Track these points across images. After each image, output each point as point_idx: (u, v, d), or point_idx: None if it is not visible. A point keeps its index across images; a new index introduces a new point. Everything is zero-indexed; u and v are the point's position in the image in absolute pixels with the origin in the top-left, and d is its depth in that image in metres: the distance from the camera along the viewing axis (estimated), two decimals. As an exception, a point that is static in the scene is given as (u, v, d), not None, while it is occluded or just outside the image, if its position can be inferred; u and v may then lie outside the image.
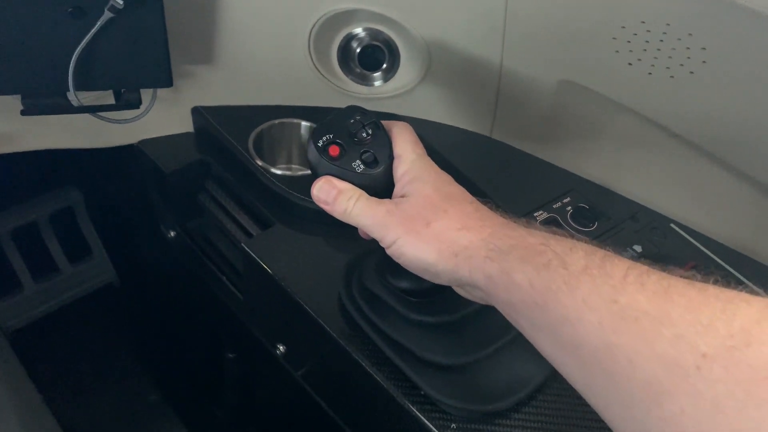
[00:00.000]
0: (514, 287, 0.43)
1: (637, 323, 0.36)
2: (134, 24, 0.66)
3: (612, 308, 0.37)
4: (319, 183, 0.54)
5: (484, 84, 0.81)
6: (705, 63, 0.61)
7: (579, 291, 0.39)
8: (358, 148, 0.54)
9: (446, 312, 0.60)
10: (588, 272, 0.40)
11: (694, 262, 0.74)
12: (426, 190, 0.51)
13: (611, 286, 0.38)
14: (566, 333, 0.40)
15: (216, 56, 0.79)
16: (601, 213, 0.79)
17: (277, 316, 0.76)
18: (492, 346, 0.60)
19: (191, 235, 0.91)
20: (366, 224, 0.52)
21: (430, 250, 0.49)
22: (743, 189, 0.72)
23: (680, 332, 0.34)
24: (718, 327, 0.33)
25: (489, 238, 0.47)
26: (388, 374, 0.61)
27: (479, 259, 0.46)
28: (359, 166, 0.54)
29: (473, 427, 0.58)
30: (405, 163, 0.54)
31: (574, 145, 0.83)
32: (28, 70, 0.66)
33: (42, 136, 0.80)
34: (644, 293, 0.37)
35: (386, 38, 0.80)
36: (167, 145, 0.87)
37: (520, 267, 0.43)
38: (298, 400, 0.82)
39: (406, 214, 0.50)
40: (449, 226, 0.49)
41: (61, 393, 1.13)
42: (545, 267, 0.42)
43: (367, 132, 0.55)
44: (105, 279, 1.24)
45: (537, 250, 0.43)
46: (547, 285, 0.41)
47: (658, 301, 0.36)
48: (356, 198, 0.53)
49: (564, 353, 0.41)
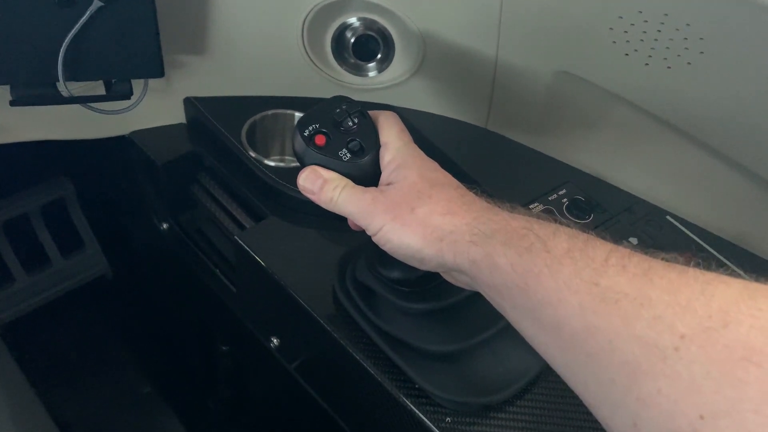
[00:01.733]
0: (496, 270, 0.44)
1: (617, 305, 0.36)
2: (124, 13, 0.65)
3: (593, 290, 0.38)
4: (304, 173, 0.54)
5: (480, 75, 0.80)
6: (702, 54, 0.61)
7: (560, 274, 0.40)
8: (345, 137, 0.54)
9: (436, 299, 0.60)
10: (570, 255, 0.40)
11: (690, 253, 0.74)
12: (411, 177, 0.51)
13: (593, 269, 0.39)
14: (547, 315, 0.40)
15: (208, 46, 0.78)
16: (596, 205, 0.79)
17: (271, 309, 0.76)
18: (485, 332, 0.59)
19: (184, 227, 0.91)
20: (352, 212, 0.53)
21: (415, 236, 0.49)
22: (739, 181, 0.72)
23: (659, 313, 0.34)
24: (696, 308, 0.34)
25: (473, 222, 0.47)
26: (382, 367, 0.61)
27: (463, 243, 0.46)
28: (346, 154, 0.54)
29: (468, 420, 0.58)
30: (391, 150, 0.54)
31: (570, 137, 0.82)
32: (17, 60, 0.65)
33: (32, 127, 0.79)
34: (625, 275, 0.37)
35: (381, 28, 0.80)
36: (159, 137, 0.86)
37: (502, 250, 0.43)
38: (291, 393, 0.82)
39: (392, 201, 0.51)
40: (434, 211, 0.49)
41: (53, 386, 1.12)
42: (527, 250, 0.42)
43: (353, 121, 0.55)
44: (97, 271, 1.24)
45: (519, 234, 0.44)
46: (529, 268, 0.41)
47: (638, 283, 0.37)
48: (342, 187, 0.53)
49: (545, 335, 0.41)
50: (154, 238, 0.96)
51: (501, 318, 0.59)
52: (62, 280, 1.20)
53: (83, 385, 1.18)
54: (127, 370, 1.23)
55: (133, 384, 1.21)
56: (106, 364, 1.23)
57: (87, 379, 1.19)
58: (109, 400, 1.18)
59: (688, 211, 0.79)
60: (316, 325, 0.65)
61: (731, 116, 0.65)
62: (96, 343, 1.25)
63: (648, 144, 0.76)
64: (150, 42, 0.68)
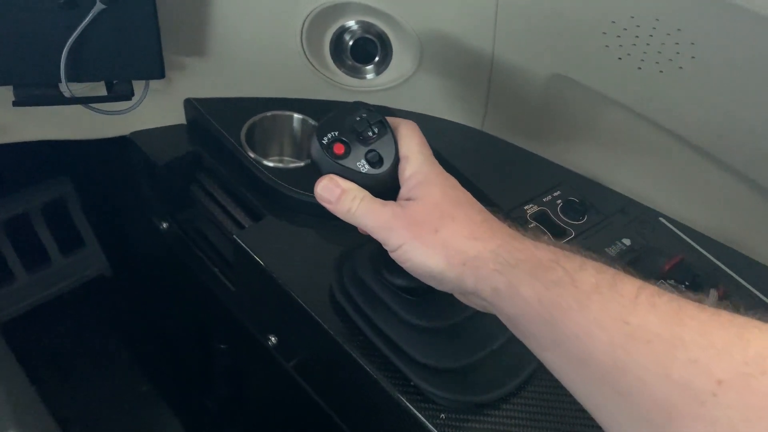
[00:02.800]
0: (521, 301, 0.43)
1: (649, 345, 0.36)
2: (126, 15, 0.65)
3: (623, 329, 0.38)
4: (323, 182, 0.53)
5: (476, 77, 0.81)
6: (694, 58, 0.62)
7: (589, 309, 0.40)
8: (363, 147, 0.53)
9: (440, 317, 0.60)
10: (598, 291, 0.40)
11: (682, 255, 0.75)
12: (434, 195, 0.50)
13: (622, 305, 0.39)
14: (575, 350, 0.40)
15: (208, 48, 0.79)
16: (590, 206, 0.80)
17: (269, 308, 0.76)
18: (484, 350, 0.60)
19: (183, 226, 0.91)
20: (369, 226, 0.52)
21: (438, 258, 0.48)
22: (731, 183, 0.73)
23: (694, 356, 0.35)
24: (733, 353, 0.34)
25: (497, 249, 0.46)
26: (378, 365, 0.62)
27: (487, 270, 0.46)
28: (364, 165, 0.53)
29: (462, 418, 0.59)
30: (413, 164, 0.53)
31: (565, 139, 0.83)
32: (20, 61, 0.65)
33: (34, 127, 0.80)
34: (655, 314, 0.37)
35: (379, 31, 0.81)
36: (159, 137, 0.86)
37: (528, 281, 0.43)
38: (289, 392, 0.82)
39: (413, 219, 0.50)
40: (458, 234, 0.48)
41: (52, 383, 1.13)
42: (555, 283, 0.42)
43: (373, 131, 0.53)
44: (97, 270, 1.25)
45: (546, 266, 0.43)
46: (556, 301, 0.41)
47: (670, 323, 0.37)
48: (360, 198, 0.52)
49: (571, 369, 0.41)
50: (154, 237, 0.97)
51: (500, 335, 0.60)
52: (62, 278, 1.21)
53: (82, 383, 1.19)
54: (125, 367, 1.24)
55: (132, 382, 1.22)
56: (105, 362, 1.23)
57: (86, 377, 1.20)
58: (108, 397, 1.19)
59: (681, 212, 0.80)
60: (313, 323, 0.66)
61: (722, 119, 0.66)
62: (95, 341, 1.25)
63: (641, 146, 0.77)
64: (151, 44, 0.69)
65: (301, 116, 0.85)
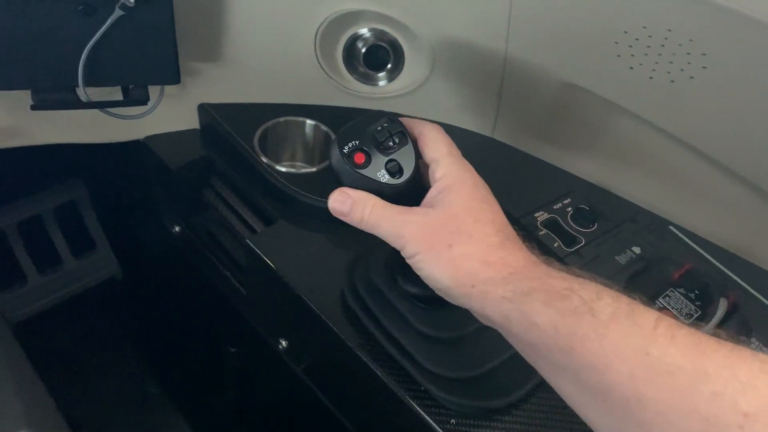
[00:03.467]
0: (534, 329, 0.43)
1: (672, 377, 0.36)
2: (143, 22, 0.66)
3: (644, 360, 0.37)
4: (334, 195, 0.53)
5: (487, 85, 0.82)
6: (705, 68, 0.62)
7: (607, 339, 0.39)
8: (384, 157, 0.53)
9: (452, 327, 0.61)
10: (616, 320, 0.40)
11: (692, 263, 0.75)
12: (455, 206, 0.50)
13: (641, 336, 0.38)
14: (592, 379, 0.40)
15: (223, 54, 0.80)
16: (600, 214, 0.80)
17: (280, 312, 0.77)
18: (495, 361, 0.61)
19: (195, 230, 0.92)
20: (383, 233, 0.51)
21: (447, 275, 0.48)
22: (741, 192, 0.73)
23: (718, 389, 0.35)
24: (758, 386, 0.34)
25: (509, 277, 0.46)
26: (388, 369, 0.62)
27: (495, 297, 0.45)
28: (384, 175, 0.53)
29: (472, 422, 0.59)
30: (443, 166, 0.52)
31: (575, 147, 0.84)
32: (39, 66, 0.66)
33: (51, 130, 0.81)
34: (676, 346, 0.37)
35: (391, 39, 0.81)
36: (173, 142, 0.87)
37: (542, 310, 0.43)
38: (298, 395, 0.83)
39: (428, 229, 0.49)
40: (470, 255, 0.47)
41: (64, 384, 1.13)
42: (572, 312, 0.41)
43: (394, 141, 0.53)
44: (108, 273, 1.25)
45: (561, 294, 0.43)
46: (573, 330, 0.41)
47: (692, 355, 0.36)
48: (371, 206, 0.52)
49: (587, 397, 0.41)
50: (166, 240, 0.97)
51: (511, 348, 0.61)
52: (74, 280, 1.22)
53: (93, 384, 1.19)
54: (136, 369, 1.24)
55: (142, 384, 1.22)
56: (116, 364, 1.24)
57: (97, 378, 1.20)
58: (118, 398, 1.20)
59: (690, 221, 0.80)
60: (325, 327, 0.66)
61: (733, 129, 0.67)
62: (106, 343, 1.26)
63: (652, 155, 0.78)
64: (167, 50, 0.70)
65: (313, 122, 0.86)
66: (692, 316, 0.69)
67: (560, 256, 0.74)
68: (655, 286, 0.72)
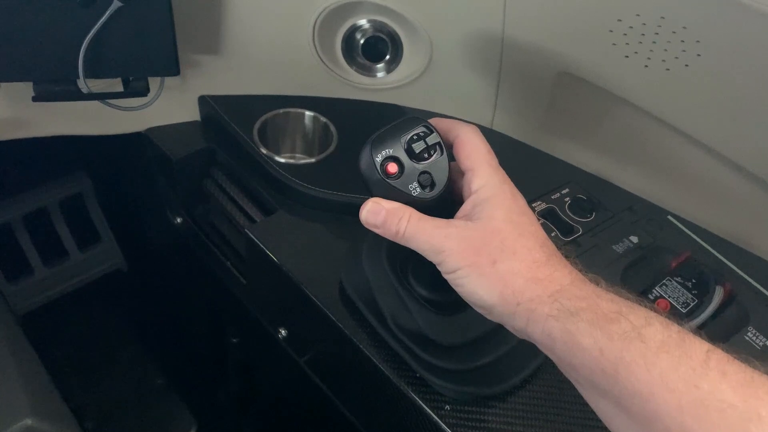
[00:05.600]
0: (579, 350, 0.42)
1: (722, 415, 0.35)
2: (142, 13, 0.67)
3: (693, 393, 0.36)
4: (367, 206, 0.51)
5: (485, 76, 0.82)
6: (699, 56, 0.62)
7: (656, 367, 0.38)
8: (417, 168, 0.50)
9: (457, 334, 0.60)
10: (666, 348, 0.39)
11: (690, 252, 0.75)
12: (497, 220, 0.47)
13: (691, 368, 0.37)
14: (637, 406, 0.39)
15: (222, 46, 0.80)
16: (598, 204, 0.80)
17: (279, 301, 0.78)
18: (492, 355, 0.61)
19: (197, 221, 0.93)
20: (422, 248, 0.49)
21: (493, 292, 0.46)
22: (738, 181, 0.73)
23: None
24: None
25: (556, 295, 0.44)
26: (385, 357, 0.63)
27: (541, 315, 0.44)
28: (416, 189, 0.50)
29: (467, 408, 0.60)
30: (480, 177, 0.49)
31: (573, 137, 0.84)
32: (40, 58, 0.67)
33: (52, 122, 0.82)
34: (727, 383, 0.36)
35: (390, 30, 0.82)
36: (174, 133, 0.88)
37: (589, 331, 0.41)
38: (298, 383, 0.83)
39: (470, 244, 0.47)
40: (517, 271, 0.45)
41: (69, 375, 1.15)
42: (620, 337, 0.40)
43: (429, 153, 0.51)
44: (113, 264, 1.26)
45: (609, 318, 0.41)
46: (621, 355, 0.39)
47: (744, 394, 0.35)
48: (407, 218, 0.49)
49: (629, 423, 0.40)
50: (168, 231, 0.98)
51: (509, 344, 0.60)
52: (79, 272, 1.23)
53: (98, 375, 1.20)
54: (140, 360, 1.25)
55: (146, 374, 1.23)
56: (121, 355, 1.25)
57: (101, 369, 1.21)
58: (123, 389, 1.21)
59: (688, 210, 0.80)
60: (322, 315, 0.67)
61: (729, 117, 0.67)
62: (111, 334, 1.27)
63: (649, 144, 0.78)
64: (167, 41, 0.70)
65: (312, 113, 0.86)
66: (689, 305, 0.69)
67: (558, 246, 0.75)
68: (653, 275, 0.73)
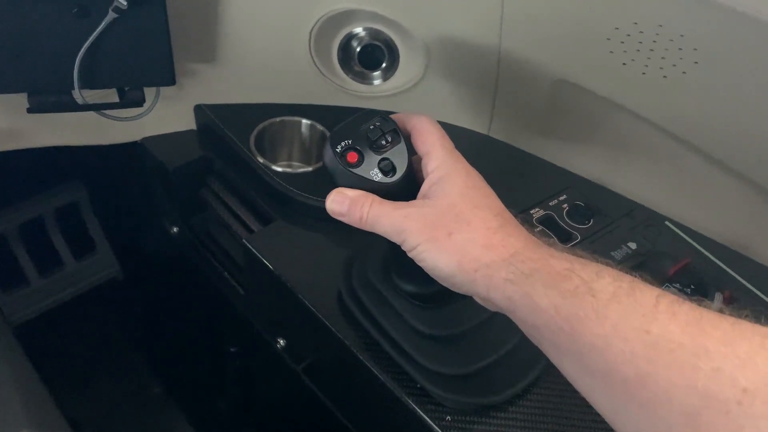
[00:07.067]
0: (537, 311, 0.43)
1: (672, 354, 0.36)
2: (138, 24, 0.67)
3: (644, 338, 0.37)
4: (331, 196, 0.53)
5: (482, 83, 0.82)
6: (697, 63, 0.62)
7: (608, 319, 0.39)
8: (377, 155, 0.53)
9: (447, 324, 0.61)
10: (617, 299, 0.39)
11: (688, 258, 0.75)
12: (451, 195, 0.50)
13: (642, 314, 0.38)
14: (594, 360, 0.39)
15: (218, 55, 0.80)
16: (596, 210, 0.80)
17: (277, 311, 0.77)
18: (490, 358, 0.61)
19: (194, 230, 0.93)
20: (383, 230, 0.51)
21: (450, 262, 0.47)
22: (736, 187, 0.73)
23: (718, 366, 0.34)
24: (758, 362, 0.34)
25: (511, 259, 0.45)
26: (385, 367, 0.62)
27: (499, 279, 0.45)
28: (377, 174, 0.53)
29: (468, 419, 0.59)
30: (435, 159, 0.52)
31: (571, 143, 0.84)
32: (34, 69, 0.67)
33: (48, 133, 0.81)
34: (676, 323, 0.37)
35: (386, 38, 0.82)
36: (170, 142, 0.88)
37: (543, 291, 0.42)
38: (297, 393, 0.83)
39: (427, 220, 0.49)
40: (471, 240, 0.47)
41: (65, 385, 1.14)
42: (572, 293, 0.41)
43: (387, 139, 0.53)
44: (109, 274, 1.26)
45: (562, 275, 0.42)
46: (574, 312, 0.40)
47: (692, 332, 0.36)
48: (369, 204, 0.51)
49: (591, 379, 0.41)
50: (165, 241, 0.98)
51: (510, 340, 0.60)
52: (75, 282, 1.22)
53: (94, 385, 1.20)
54: (137, 370, 1.25)
55: (143, 384, 1.23)
56: (117, 365, 1.24)
57: (98, 379, 1.21)
58: (120, 399, 1.20)
59: (687, 216, 0.80)
60: (321, 325, 0.66)
61: (726, 123, 0.67)
62: (107, 344, 1.27)
63: (647, 151, 0.78)
64: (162, 51, 0.70)
65: (309, 122, 0.86)
66: (688, 311, 0.69)
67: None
68: (651, 281, 0.72)
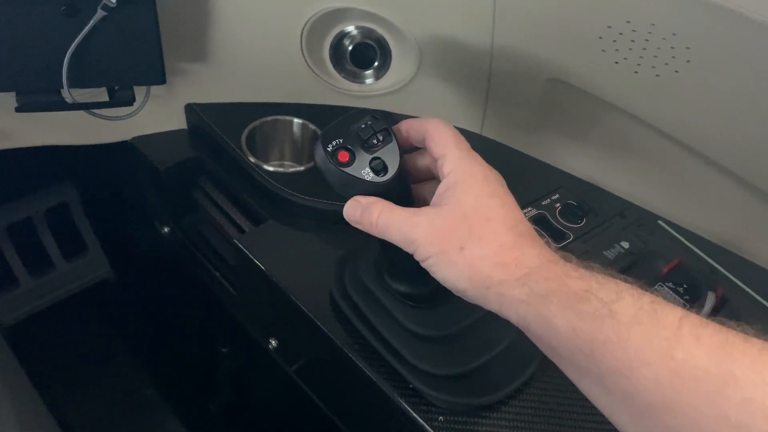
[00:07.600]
0: (554, 332, 0.42)
1: (699, 382, 0.35)
2: (127, 22, 0.66)
3: (669, 364, 0.36)
4: (347, 203, 0.52)
5: (474, 82, 0.82)
6: (689, 62, 0.62)
7: (630, 343, 0.38)
8: (368, 155, 0.52)
9: (440, 325, 0.60)
10: (638, 321, 0.38)
11: (681, 257, 0.75)
12: (465, 204, 0.48)
13: (665, 338, 0.37)
14: (617, 384, 0.39)
15: (209, 54, 0.79)
16: (589, 209, 0.80)
17: (269, 311, 0.77)
18: (483, 358, 0.60)
19: (185, 230, 0.92)
20: (395, 239, 0.50)
21: (462, 277, 0.46)
22: (729, 186, 0.73)
23: (748, 395, 0.34)
24: None
25: (525, 278, 0.44)
26: (377, 368, 0.62)
27: (512, 299, 0.44)
28: (368, 173, 0.52)
29: (460, 419, 0.59)
30: (449, 162, 0.50)
31: (563, 143, 0.84)
32: (23, 68, 0.66)
33: (37, 132, 0.81)
34: (701, 348, 0.36)
35: (378, 37, 0.81)
36: (161, 142, 0.87)
37: (560, 313, 0.41)
38: (289, 394, 0.83)
39: (439, 231, 0.47)
40: (483, 256, 0.46)
41: (56, 388, 1.13)
42: (591, 316, 0.40)
43: (378, 138, 0.52)
44: (100, 275, 1.25)
45: (579, 296, 0.41)
46: (594, 335, 0.39)
47: (718, 358, 0.35)
48: (379, 210, 0.50)
49: (613, 400, 0.40)
50: (156, 241, 0.97)
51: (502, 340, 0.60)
52: (65, 283, 1.22)
53: (86, 387, 1.19)
54: (129, 372, 1.24)
55: (135, 385, 1.22)
56: (109, 366, 1.24)
57: (89, 381, 1.20)
58: (112, 401, 1.19)
59: (679, 215, 0.80)
60: (313, 326, 0.66)
61: (719, 122, 0.67)
62: (98, 346, 1.26)
63: (639, 150, 0.78)
64: (152, 50, 0.69)
65: (301, 121, 0.85)
66: (681, 310, 0.69)
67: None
68: (644, 280, 0.72)
